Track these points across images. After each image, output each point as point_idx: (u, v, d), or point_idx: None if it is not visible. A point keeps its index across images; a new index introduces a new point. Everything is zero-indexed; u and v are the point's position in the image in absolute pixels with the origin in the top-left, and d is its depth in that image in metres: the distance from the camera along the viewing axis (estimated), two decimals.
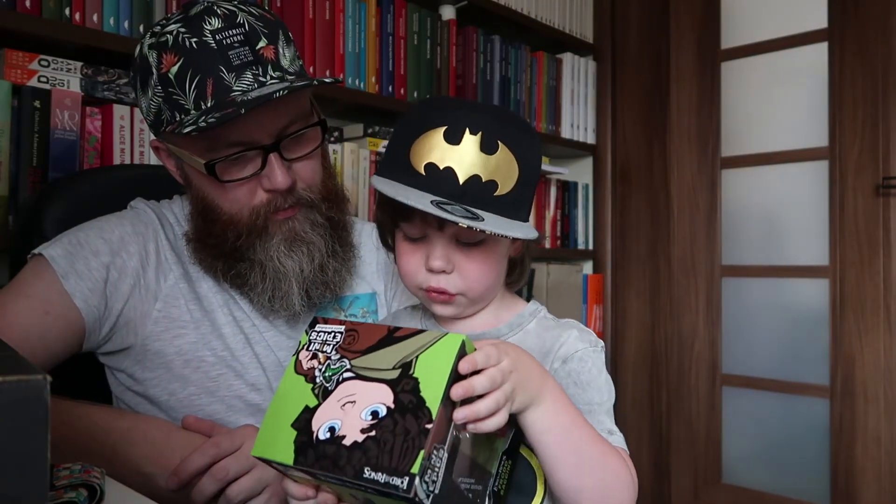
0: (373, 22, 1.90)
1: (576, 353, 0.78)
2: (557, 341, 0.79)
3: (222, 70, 0.89)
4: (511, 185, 0.75)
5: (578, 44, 2.52)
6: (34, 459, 0.38)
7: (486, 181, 0.73)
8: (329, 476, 0.63)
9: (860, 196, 2.08)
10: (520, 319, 0.83)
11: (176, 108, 0.91)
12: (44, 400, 0.38)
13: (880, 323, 2.04)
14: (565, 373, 0.77)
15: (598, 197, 2.59)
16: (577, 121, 2.52)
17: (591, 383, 0.77)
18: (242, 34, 0.90)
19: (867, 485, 2.04)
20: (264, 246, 0.95)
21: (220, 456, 0.86)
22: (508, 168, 0.75)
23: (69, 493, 0.67)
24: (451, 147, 0.73)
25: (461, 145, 0.73)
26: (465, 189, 0.73)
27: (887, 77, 2.03)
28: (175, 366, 0.98)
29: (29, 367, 0.40)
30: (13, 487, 0.38)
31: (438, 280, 0.78)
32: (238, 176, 0.93)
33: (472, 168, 0.73)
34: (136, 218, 1.03)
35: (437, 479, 0.60)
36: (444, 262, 0.76)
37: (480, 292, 0.80)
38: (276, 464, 0.67)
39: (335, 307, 1.07)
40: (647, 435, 2.47)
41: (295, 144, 0.95)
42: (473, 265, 0.77)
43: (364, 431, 0.62)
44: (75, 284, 0.94)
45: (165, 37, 0.90)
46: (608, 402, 0.79)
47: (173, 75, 0.89)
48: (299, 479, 0.70)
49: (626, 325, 2.54)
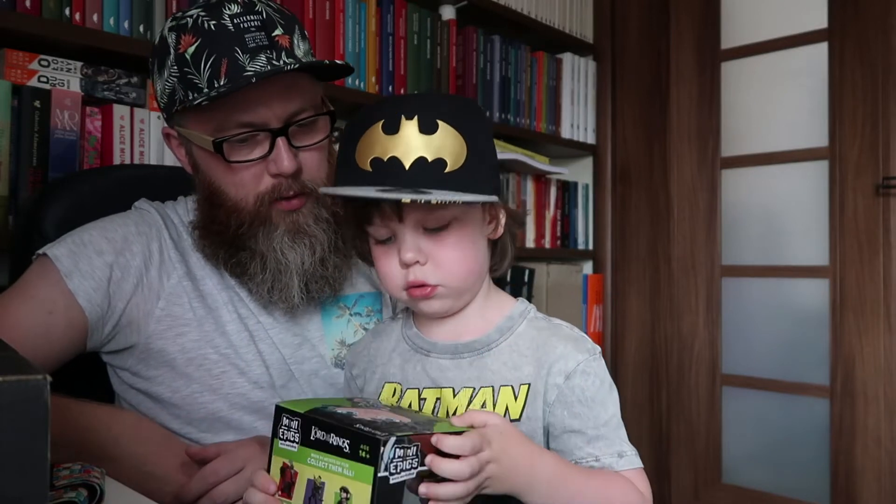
0: (373, 22, 1.90)
1: (578, 367, 0.76)
2: (553, 352, 0.77)
3: (237, 51, 0.90)
4: (461, 160, 0.73)
5: (578, 44, 2.52)
6: (34, 459, 0.38)
7: (432, 160, 0.72)
8: (329, 421, 0.67)
9: (860, 196, 2.08)
10: (509, 322, 0.81)
11: (190, 87, 0.92)
12: (44, 400, 0.39)
13: (880, 323, 2.04)
14: (569, 389, 0.76)
15: (598, 197, 2.59)
16: (577, 121, 2.51)
17: (596, 398, 0.76)
18: (260, 20, 0.92)
19: (867, 485, 2.04)
20: (267, 236, 0.95)
21: (220, 482, 0.87)
22: (454, 143, 0.73)
23: (69, 493, 0.67)
24: (391, 137, 0.73)
25: (400, 133, 0.73)
26: (412, 174, 0.72)
27: (887, 77, 2.03)
28: (178, 364, 0.98)
29: (29, 367, 0.40)
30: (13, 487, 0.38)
31: (415, 273, 0.76)
32: (245, 158, 0.94)
33: (416, 151, 0.72)
34: (140, 218, 1.04)
35: (397, 473, 0.63)
36: (415, 253, 0.75)
37: (460, 280, 0.78)
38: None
39: (340, 305, 1.07)
40: (647, 435, 2.47)
41: (303, 133, 0.96)
42: (446, 251, 0.76)
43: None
44: (79, 283, 0.94)
45: (186, 20, 0.93)
46: (615, 414, 0.78)
47: (189, 55, 0.91)
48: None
49: (626, 325, 2.54)
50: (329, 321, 1.05)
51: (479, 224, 0.79)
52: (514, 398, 0.77)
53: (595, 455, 0.76)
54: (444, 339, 0.81)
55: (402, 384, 0.82)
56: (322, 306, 1.06)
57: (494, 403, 0.77)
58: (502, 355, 0.79)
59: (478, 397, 0.77)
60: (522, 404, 0.76)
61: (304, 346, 1.02)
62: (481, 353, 0.79)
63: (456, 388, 0.79)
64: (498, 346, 0.79)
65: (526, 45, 2.33)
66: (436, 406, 0.79)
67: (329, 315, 1.06)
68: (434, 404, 0.79)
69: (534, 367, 0.77)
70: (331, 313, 1.06)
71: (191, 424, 0.98)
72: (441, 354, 0.81)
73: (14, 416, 0.38)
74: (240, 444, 0.91)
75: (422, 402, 0.80)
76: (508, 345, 0.79)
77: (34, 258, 0.98)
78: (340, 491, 0.64)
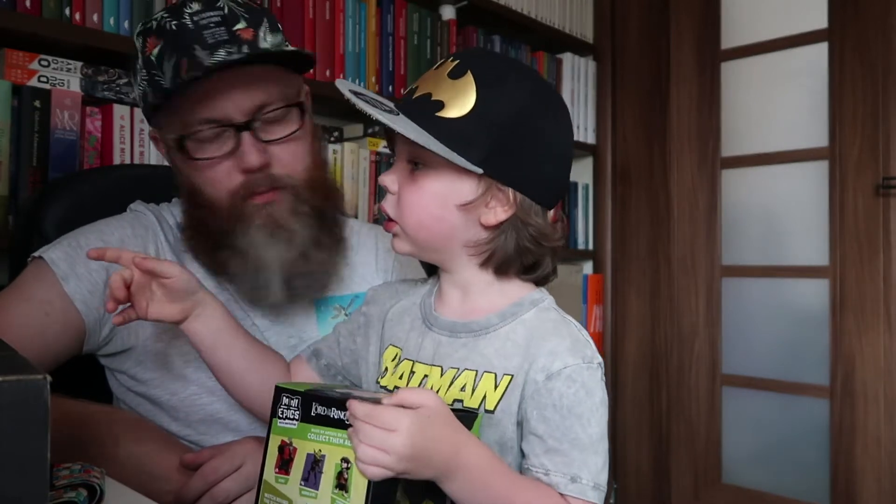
0: (373, 22, 1.90)
1: (563, 370, 0.70)
2: (544, 347, 0.72)
3: (196, 48, 0.91)
4: (460, 111, 0.71)
5: (578, 44, 2.52)
6: (34, 459, 0.38)
7: (434, 100, 0.72)
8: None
9: (860, 196, 2.08)
10: (515, 309, 0.76)
11: (156, 88, 0.93)
12: (44, 400, 0.39)
13: (880, 323, 2.04)
14: (546, 390, 0.70)
15: (598, 197, 2.59)
16: (577, 121, 2.51)
17: (573, 410, 0.69)
18: (220, 16, 0.93)
19: (867, 485, 2.04)
20: (245, 233, 0.94)
21: (219, 480, 0.87)
22: (464, 95, 0.71)
23: (69, 492, 0.67)
24: (433, 72, 0.75)
25: (438, 69, 0.75)
26: (413, 102, 0.73)
27: (887, 77, 2.03)
28: (176, 366, 0.98)
29: (29, 367, 0.40)
30: (13, 487, 0.38)
31: (386, 200, 0.77)
32: (212, 154, 0.93)
33: (430, 87, 0.73)
34: (136, 220, 1.04)
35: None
36: (391, 181, 0.76)
37: (409, 225, 0.75)
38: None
39: (335, 306, 1.07)
40: (647, 435, 2.47)
41: (272, 126, 0.95)
42: (411, 189, 0.75)
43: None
44: (76, 287, 0.94)
45: (151, 23, 0.94)
46: (593, 435, 0.70)
47: (154, 57, 0.92)
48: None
49: (626, 325, 2.54)
50: (325, 322, 1.05)
51: (456, 185, 0.73)
52: (494, 387, 0.73)
53: (546, 468, 0.70)
54: (450, 316, 0.79)
55: (403, 351, 0.81)
56: (317, 307, 1.05)
57: (474, 388, 0.73)
58: (497, 341, 0.75)
59: (459, 379, 0.75)
60: (500, 395, 0.72)
61: (299, 347, 1.02)
62: (477, 335, 0.76)
63: (444, 368, 0.76)
64: (496, 331, 0.76)
65: (526, 45, 2.33)
66: (422, 383, 0.77)
67: (325, 316, 1.06)
68: (421, 380, 0.77)
69: (521, 359, 0.73)
70: (326, 314, 1.06)
71: (190, 427, 0.98)
72: (441, 330, 0.79)
73: (14, 416, 0.38)
74: (236, 442, 0.91)
75: (411, 375, 0.78)
76: (506, 332, 0.75)
77: (30, 260, 0.98)
78: (341, 461, 0.66)
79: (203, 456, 0.90)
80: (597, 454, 0.70)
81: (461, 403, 0.73)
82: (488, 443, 0.71)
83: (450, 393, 0.74)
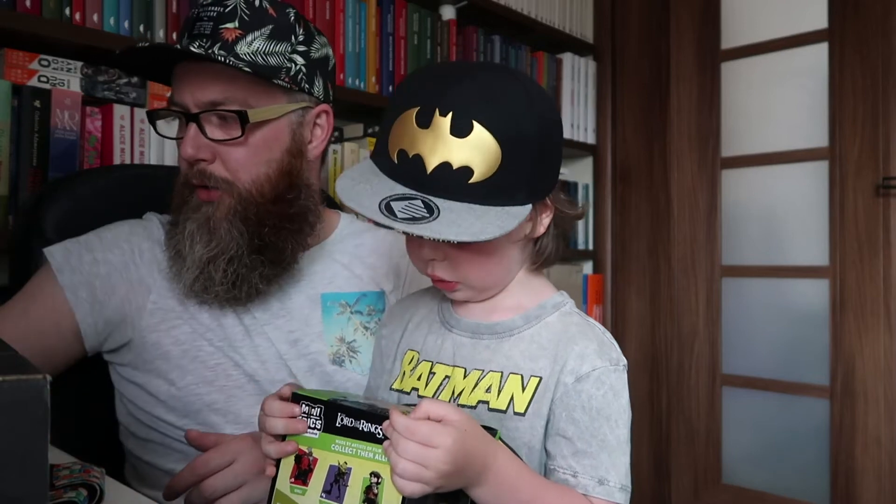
0: (373, 22, 1.90)
1: (592, 373, 0.71)
2: (573, 349, 0.73)
3: (184, 37, 0.96)
4: (490, 169, 0.67)
5: (578, 44, 2.52)
6: (34, 459, 0.38)
7: (457, 168, 0.67)
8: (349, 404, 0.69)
9: (860, 196, 2.08)
10: (539, 311, 0.77)
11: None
12: (44, 400, 0.38)
13: (880, 323, 2.04)
14: (576, 392, 0.71)
15: (598, 197, 2.59)
16: (578, 121, 2.51)
17: (602, 411, 0.71)
18: (218, 12, 0.95)
19: (867, 485, 2.04)
20: (184, 221, 0.97)
21: (209, 474, 0.87)
22: (486, 151, 0.67)
23: (69, 492, 0.67)
24: (421, 131, 0.68)
25: (431, 128, 0.67)
26: (433, 178, 0.67)
27: (887, 77, 2.03)
28: (173, 356, 0.99)
29: (29, 367, 0.39)
30: (13, 487, 0.38)
31: (433, 268, 0.75)
32: (174, 135, 1.00)
33: (442, 155, 0.67)
34: (138, 223, 1.07)
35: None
36: (432, 251, 0.74)
37: (477, 282, 0.76)
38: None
39: (341, 303, 1.07)
40: (647, 435, 2.47)
41: (219, 127, 0.95)
42: (464, 255, 0.73)
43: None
44: (69, 278, 0.97)
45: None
46: (620, 437, 0.71)
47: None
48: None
49: (626, 325, 2.54)
50: (329, 318, 1.05)
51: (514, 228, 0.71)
52: (521, 389, 0.73)
53: (574, 470, 0.71)
54: (472, 318, 0.79)
55: (421, 354, 0.81)
56: (323, 301, 1.06)
57: (500, 390, 0.74)
58: (522, 343, 0.76)
59: (484, 381, 0.75)
60: (530, 398, 0.73)
61: (300, 342, 1.02)
62: (501, 337, 0.77)
63: (468, 369, 0.76)
64: (520, 332, 0.76)
65: (526, 46, 2.33)
66: (443, 383, 0.77)
67: (330, 311, 1.06)
68: (441, 381, 0.77)
69: (550, 362, 0.73)
70: (331, 310, 1.06)
71: (187, 417, 0.99)
72: (462, 332, 0.79)
73: (14, 415, 0.38)
74: (234, 438, 0.91)
75: (431, 375, 0.78)
76: (531, 334, 0.76)
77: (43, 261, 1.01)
78: (371, 476, 0.65)
79: (209, 439, 0.90)
80: (624, 455, 0.72)
81: (487, 405, 0.74)
82: (517, 445, 0.72)
83: (474, 394, 0.75)
